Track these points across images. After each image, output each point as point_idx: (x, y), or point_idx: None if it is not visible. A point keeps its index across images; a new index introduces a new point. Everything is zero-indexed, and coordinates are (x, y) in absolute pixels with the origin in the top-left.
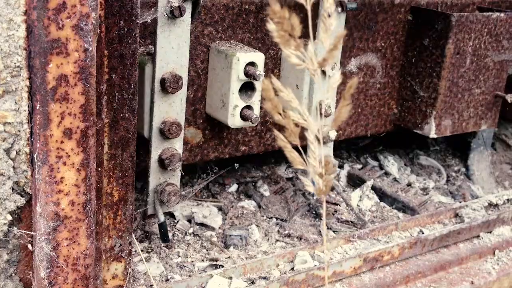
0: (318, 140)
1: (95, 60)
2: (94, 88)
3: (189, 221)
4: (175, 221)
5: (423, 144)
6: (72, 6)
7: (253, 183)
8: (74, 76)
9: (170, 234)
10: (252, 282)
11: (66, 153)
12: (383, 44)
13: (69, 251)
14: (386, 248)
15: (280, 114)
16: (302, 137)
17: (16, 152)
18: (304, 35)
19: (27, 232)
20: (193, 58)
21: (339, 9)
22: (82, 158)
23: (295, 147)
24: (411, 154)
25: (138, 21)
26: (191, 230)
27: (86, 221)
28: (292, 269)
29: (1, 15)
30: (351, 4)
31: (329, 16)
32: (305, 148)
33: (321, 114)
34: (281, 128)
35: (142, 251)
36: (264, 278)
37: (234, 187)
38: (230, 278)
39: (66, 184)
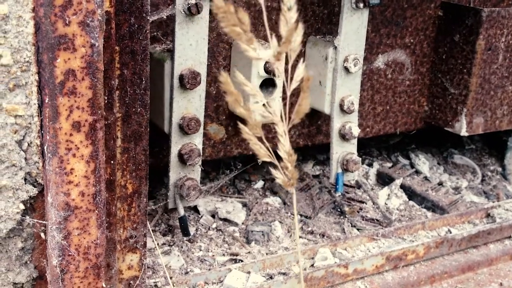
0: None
1: (102, 55)
2: (102, 82)
3: (213, 216)
4: (199, 216)
5: (458, 143)
6: (78, 3)
7: None
8: (82, 71)
9: (193, 229)
10: (271, 278)
11: (75, 145)
12: (412, 41)
13: (80, 240)
14: (411, 247)
15: (242, 107)
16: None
17: (28, 144)
18: (330, 32)
19: (40, 221)
20: (215, 55)
21: (361, 4)
22: (91, 150)
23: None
24: (445, 153)
25: (149, 18)
26: (214, 225)
27: (96, 211)
28: (312, 265)
29: (11, 12)
30: (374, 0)
31: (289, 9)
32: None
33: (344, 111)
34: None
35: (164, 244)
36: (283, 274)
37: (260, 184)
38: (249, 272)
39: (76, 176)
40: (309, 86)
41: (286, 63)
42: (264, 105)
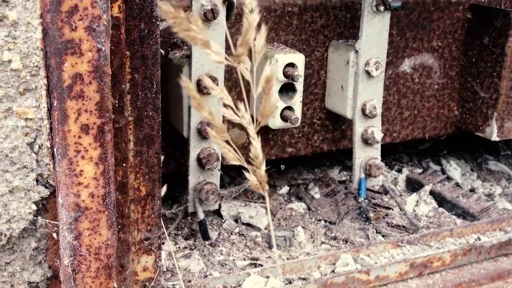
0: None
1: (110, 59)
2: (109, 86)
3: (236, 221)
4: (222, 220)
5: (493, 149)
6: (84, 8)
7: (305, 186)
8: (89, 75)
9: (216, 233)
10: (290, 282)
11: (84, 147)
12: (440, 44)
13: (91, 241)
14: (436, 254)
15: (207, 111)
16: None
17: (39, 146)
18: (353, 36)
19: (51, 221)
20: None
21: (382, 7)
22: (100, 152)
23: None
24: (479, 159)
25: (159, 24)
26: (237, 230)
27: (106, 212)
28: (333, 271)
29: (20, 18)
30: (395, 3)
31: (251, 12)
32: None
33: (366, 115)
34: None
35: (185, 248)
36: (303, 279)
37: (285, 189)
38: (268, 277)
39: (85, 177)
40: (271, 87)
41: (309, 67)
42: (231, 107)
